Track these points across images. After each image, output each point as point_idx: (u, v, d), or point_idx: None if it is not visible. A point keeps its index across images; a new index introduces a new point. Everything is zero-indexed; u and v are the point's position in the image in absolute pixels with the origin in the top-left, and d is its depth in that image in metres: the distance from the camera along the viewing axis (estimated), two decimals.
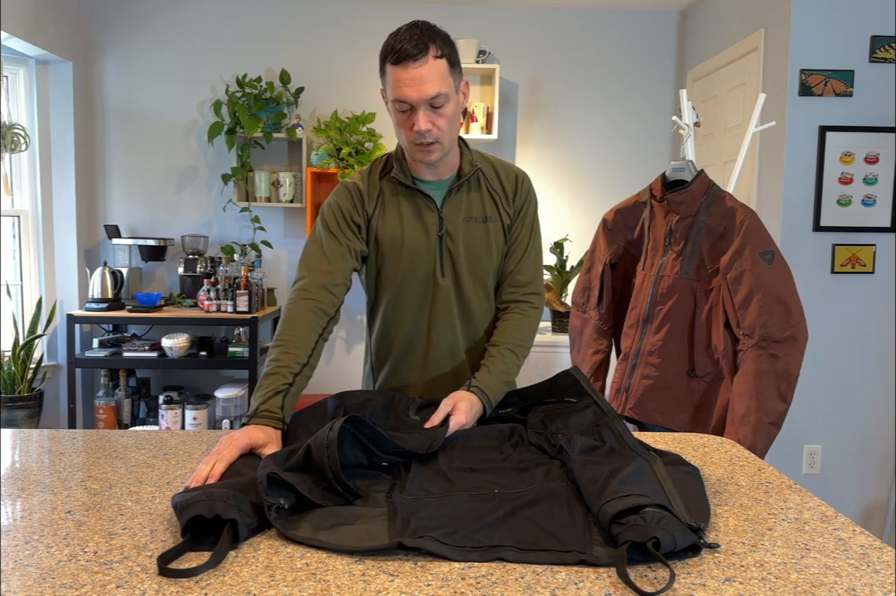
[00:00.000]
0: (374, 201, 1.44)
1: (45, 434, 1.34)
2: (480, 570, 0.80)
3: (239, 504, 0.87)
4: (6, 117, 3.33)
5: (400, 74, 1.27)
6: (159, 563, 0.78)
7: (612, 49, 3.88)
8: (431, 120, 1.30)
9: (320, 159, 3.60)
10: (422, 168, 1.43)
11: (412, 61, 1.26)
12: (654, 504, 0.86)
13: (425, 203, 1.43)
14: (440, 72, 1.28)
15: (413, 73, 1.26)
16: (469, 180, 1.45)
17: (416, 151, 1.35)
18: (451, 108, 1.32)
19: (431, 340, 1.46)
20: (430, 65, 1.27)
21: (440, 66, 1.28)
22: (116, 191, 3.82)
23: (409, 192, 1.44)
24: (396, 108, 1.31)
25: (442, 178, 1.45)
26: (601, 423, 1.19)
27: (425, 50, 1.26)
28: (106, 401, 3.47)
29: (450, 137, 1.35)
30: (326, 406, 1.28)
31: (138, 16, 3.75)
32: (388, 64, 1.29)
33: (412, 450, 1.09)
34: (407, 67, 1.26)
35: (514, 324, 1.46)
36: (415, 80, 1.26)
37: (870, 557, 0.85)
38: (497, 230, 1.46)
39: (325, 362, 3.95)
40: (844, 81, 2.77)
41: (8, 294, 3.46)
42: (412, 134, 1.32)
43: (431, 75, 1.27)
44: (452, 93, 1.32)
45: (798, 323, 1.83)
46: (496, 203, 1.47)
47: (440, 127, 1.31)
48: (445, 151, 1.37)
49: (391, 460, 1.10)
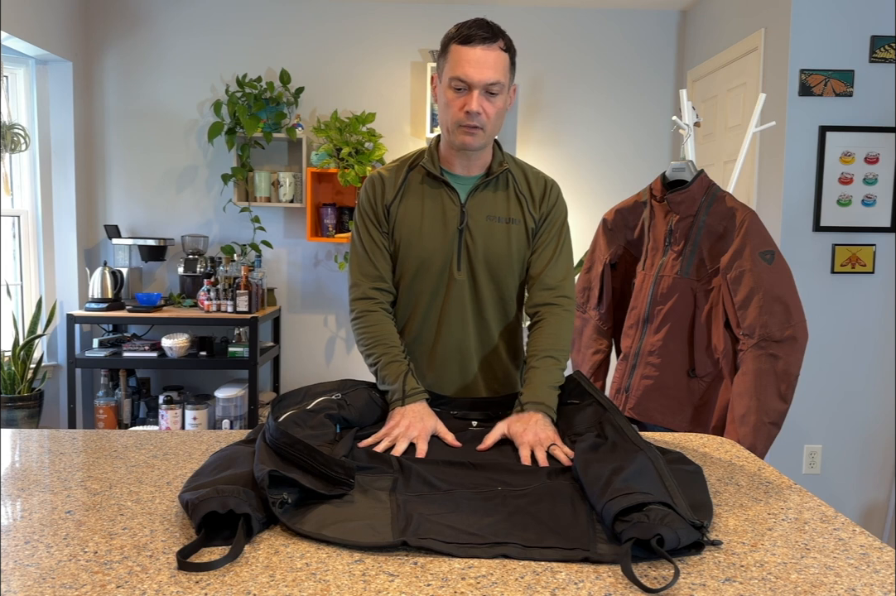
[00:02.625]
0: (395, 189, 1.46)
1: (45, 434, 1.34)
2: (480, 570, 0.80)
3: (249, 499, 0.88)
4: (6, 117, 3.33)
5: (467, 53, 1.31)
6: (178, 558, 0.79)
7: (613, 49, 3.88)
8: (483, 105, 1.33)
9: (320, 159, 3.60)
10: (454, 161, 1.45)
11: (482, 44, 1.31)
12: (657, 502, 0.86)
13: (449, 196, 1.44)
14: (504, 63, 1.34)
15: (480, 54, 1.31)
16: (497, 179, 1.46)
17: (460, 133, 1.36)
18: (501, 100, 1.36)
19: (441, 334, 1.46)
20: (497, 53, 1.32)
21: (504, 58, 1.34)
22: (116, 191, 3.81)
23: (435, 183, 1.45)
24: (452, 85, 1.33)
25: (471, 174, 1.46)
26: (603, 419, 1.19)
27: (496, 38, 1.32)
28: (106, 401, 3.47)
29: (492, 129, 1.38)
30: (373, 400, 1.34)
31: (138, 16, 3.75)
32: (455, 43, 1.32)
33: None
34: (475, 48, 1.30)
35: (549, 329, 1.43)
36: (480, 63, 1.31)
37: (870, 557, 0.85)
38: (519, 232, 1.46)
39: (325, 362, 3.96)
40: (844, 81, 2.77)
41: (8, 294, 3.46)
42: (461, 114, 1.34)
43: (497, 63, 1.32)
44: (506, 88, 1.36)
45: (798, 323, 1.83)
46: (521, 206, 1.46)
47: (489, 114, 1.34)
48: (485, 142, 1.39)
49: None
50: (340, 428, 1.23)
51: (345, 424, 1.25)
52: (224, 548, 0.84)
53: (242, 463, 1.01)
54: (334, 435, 1.17)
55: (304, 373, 3.95)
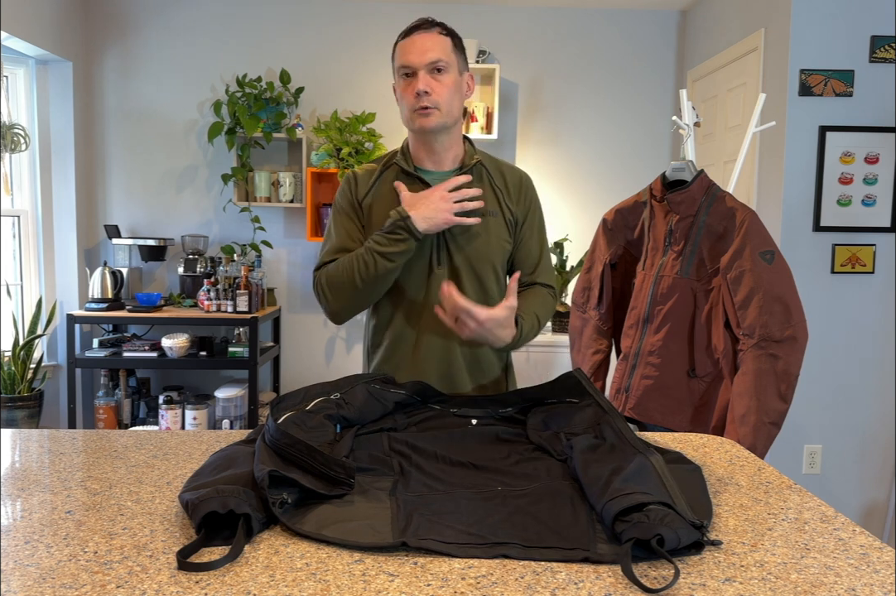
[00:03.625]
0: (368, 186, 1.49)
1: (45, 434, 1.34)
2: (480, 570, 0.80)
3: (249, 499, 0.88)
4: (6, 117, 3.33)
5: (406, 45, 1.39)
6: (178, 558, 0.79)
7: (612, 49, 3.88)
8: (430, 84, 1.37)
9: (320, 159, 3.60)
10: (424, 156, 1.47)
11: (417, 32, 1.38)
12: (657, 502, 0.86)
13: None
14: (444, 44, 1.39)
15: (417, 39, 1.38)
16: (471, 172, 1.47)
17: (416, 117, 1.40)
18: (451, 77, 1.39)
19: (423, 327, 1.47)
20: (435, 36, 1.39)
21: (444, 40, 1.40)
22: (116, 191, 3.82)
23: (409, 179, 1.47)
24: (401, 73, 1.40)
25: (443, 168, 1.48)
26: (602, 421, 1.19)
27: (432, 26, 1.39)
28: (106, 401, 3.47)
29: (448, 107, 1.40)
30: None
31: (138, 16, 3.75)
32: (398, 41, 1.40)
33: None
34: (412, 37, 1.39)
35: (533, 295, 1.52)
36: (417, 47, 1.37)
37: (870, 557, 0.85)
38: (499, 225, 1.47)
39: (325, 362, 3.96)
40: (844, 81, 2.77)
41: (8, 294, 3.46)
42: (412, 98, 1.38)
43: (435, 44, 1.38)
44: (454, 67, 1.40)
45: (798, 323, 1.83)
46: (498, 198, 1.49)
47: (438, 92, 1.38)
48: (443, 121, 1.41)
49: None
50: (341, 428, 1.23)
51: (345, 422, 1.25)
52: (224, 548, 0.84)
53: (242, 463, 1.01)
54: (334, 435, 1.17)
55: (304, 373, 3.95)
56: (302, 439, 1.01)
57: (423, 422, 1.29)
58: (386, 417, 1.30)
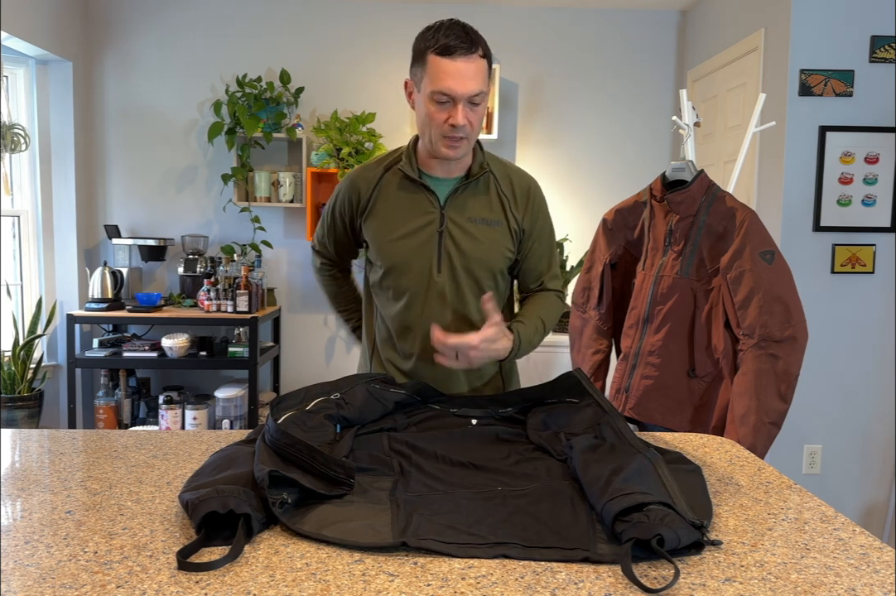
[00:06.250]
0: (370, 191, 1.46)
1: (45, 434, 1.34)
2: (480, 570, 0.80)
3: (249, 499, 0.88)
4: (6, 117, 3.33)
5: (447, 66, 1.27)
6: (178, 558, 0.79)
7: (612, 49, 3.88)
8: (468, 116, 1.31)
9: (320, 159, 3.60)
10: (433, 163, 1.43)
11: (462, 55, 1.27)
12: (657, 502, 0.86)
13: (428, 198, 1.43)
14: (483, 71, 1.31)
15: (461, 66, 1.27)
16: (477, 181, 1.45)
17: (444, 144, 1.35)
18: (483, 108, 1.35)
19: (421, 333, 1.46)
20: (477, 63, 1.29)
21: (484, 66, 1.31)
22: (116, 191, 3.81)
23: (413, 185, 1.44)
24: (435, 99, 1.30)
25: (451, 176, 1.45)
26: (602, 421, 1.19)
27: (475, 47, 1.28)
28: (106, 401, 3.47)
29: (474, 137, 1.38)
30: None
31: (138, 16, 3.75)
32: (433, 54, 1.28)
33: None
34: (456, 60, 1.27)
35: (539, 299, 1.54)
36: (462, 75, 1.27)
37: (870, 557, 0.85)
38: (503, 234, 1.45)
39: (325, 362, 3.96)
40: (844, 81, 2.77)
41: (8, 294, 3.46)
42: (445, 127, 1.32)
43: (477, 73, 1.29)
44: (487, 95, 1.35)
45: (798, 323, 1.83)
46: (504, 207, 1.46)
47: (473, 124, 1.33)
48: (468, 150, 1.38)
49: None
50: (341, 428, 1.23)
51: (345, 422, 1.25)
52: (224, 548, 0.84)
53: (242, 463, 1.01)
54: (334, 435, 1.17)
55: (304, 373, 3.95)
56: (302, 439, 1.01)
57: (423, 422, 1.29)
58: (386, 417, 1.30)
